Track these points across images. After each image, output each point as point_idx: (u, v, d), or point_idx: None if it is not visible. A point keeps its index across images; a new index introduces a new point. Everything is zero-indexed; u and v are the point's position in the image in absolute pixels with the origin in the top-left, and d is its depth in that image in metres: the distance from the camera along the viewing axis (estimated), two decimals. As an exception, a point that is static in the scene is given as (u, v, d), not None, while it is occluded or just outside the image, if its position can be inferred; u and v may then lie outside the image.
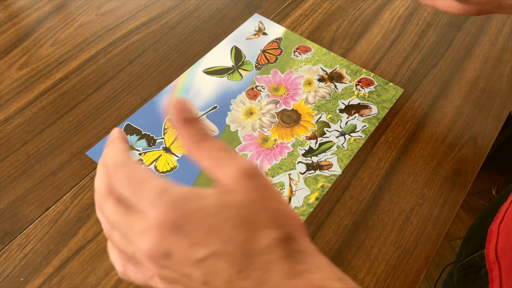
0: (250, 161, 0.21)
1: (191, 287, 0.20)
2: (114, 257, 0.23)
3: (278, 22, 0.50)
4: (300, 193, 0.37)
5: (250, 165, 0.20)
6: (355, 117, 0.42)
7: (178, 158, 0.39)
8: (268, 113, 0.42)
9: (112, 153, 0.22)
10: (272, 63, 0.46)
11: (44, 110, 0.42)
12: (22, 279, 0.32)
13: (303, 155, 0.39)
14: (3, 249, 0.34)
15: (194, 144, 0.21)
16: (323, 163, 0.39)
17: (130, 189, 0.20)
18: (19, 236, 0.34)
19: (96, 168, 0.38)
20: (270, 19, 0.50)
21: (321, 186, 0.37)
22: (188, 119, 0.21)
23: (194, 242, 0.19)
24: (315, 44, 0.48)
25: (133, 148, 0.39)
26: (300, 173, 0.38)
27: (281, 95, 0.43)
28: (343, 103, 0.43)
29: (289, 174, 0.38)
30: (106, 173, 0.22)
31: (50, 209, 0.36)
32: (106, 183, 0.22)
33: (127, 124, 0.41)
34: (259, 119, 0.42)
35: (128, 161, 0.21)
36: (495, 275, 0.37)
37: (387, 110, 0.42)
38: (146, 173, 0.20)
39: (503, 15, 0.52)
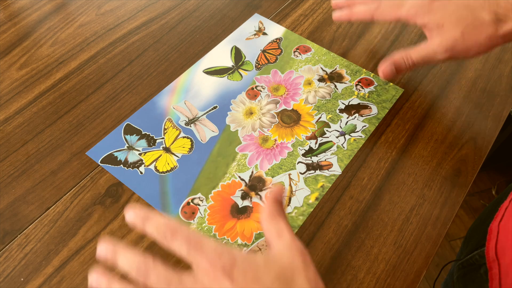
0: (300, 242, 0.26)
1: None
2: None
3: (278, 22, 0.50)
4: (300, 193, 0.37)
5: (301, 244, 0.26)
6: (355, 117, 0.42)
7: (178, 158, 0.39)
8: (268, 113, 0.42)
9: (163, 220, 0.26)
10: (272, 63, 0.46)
11: (44, 110, 0.42)
12: (22, 279, 0.32)
13: (303, 155, 0.39)
14: (3, 249, 0.34)
15: (270, 216, 0.27)
16: (323, 163, 0.39)
17: (184, 242, 0.25)
18: (19, 236, 0.34)
19: (96, 168, 0.38)
20: (270, 19, 0.51)
21: (321, 186, 0.37)
22: (279, 201, 0.28)
23: (238, 287, 0.23)
24: (315, 44, 0.48)
25: (133, 148, 0.39)
26: (300, 173, 0.38)
27: (281, 95, 0.43)
28: (343, 103, 0.43)
29: (289, 174, 0.38)
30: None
31: (50, 209, 0.36)
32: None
33: (127, 124, 0.41)
34: (259, 119, 0.42)
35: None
36: (495, 273, 0.37)
37: (387, 110, 0.42)
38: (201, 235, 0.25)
39: (503, 15, 0.52)
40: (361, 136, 0.41)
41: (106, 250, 0.26)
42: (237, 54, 0.47)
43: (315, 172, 0.38)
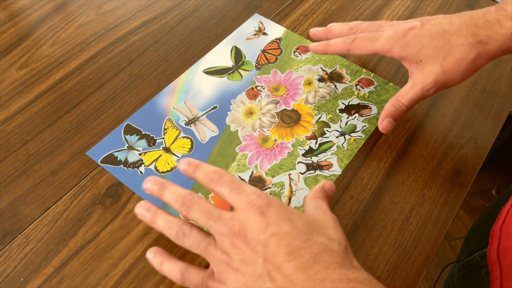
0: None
1: (253, 264, 0.25)
2: (173, 221, 0.28)
3: (278, 22, 0.50)
4: (300, 193, 0.37)
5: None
6: (355, 117, 0.42)
7: (178, 158, 0.39)
8: (268, 113, 0.42)
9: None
10: (272, 63, 0.46)
11: (44, 110, 0.42)
12: (22, 279, 0.32)
13: (303, 155, 0.39)
14: (3, 249, 0.34)
15: (314, 197, 0.30)
16: (323, 163, 0.39)
17: (228, 187, 0.27)
18: (19, 236, 0.34)
19: (96, 168, 0.38)
20: (270, 19, 0.51)
21: (321, 186, 0.37)
22: (326, 192, 0.31)
23: (268, 223, 0.25)
24: (315, 44, 0.48)
25: (133, 148, 0.39)
26: (300, 173, 0.38)
27: (281, 95, 0.43)
28: (343, 103, 0.43)
29: (289, 174, 0.38)
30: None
31: (50, 209, 0.36)
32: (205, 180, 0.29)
33: (127, 124, 0.41)
34: (259, 119, 0.42)
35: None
36: (496, 276, 0.37)
37: (387, 110, 0.42)
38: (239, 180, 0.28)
39: (503, 15, 0.52)
40: (361, 136, 0.41)
41: (153, 184, 0.29)
42: (237, 54, 0.47)
43: (315, 172, 0.38)
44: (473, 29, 0.32)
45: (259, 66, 0.46)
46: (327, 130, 0.41)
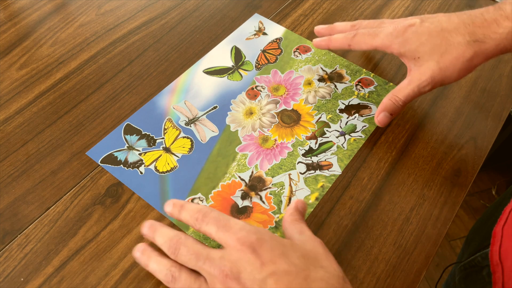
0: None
1: None
2: (163, 263, 0.28)
3: (278, 22, 0.50)
4: (300, 193, 0.37)
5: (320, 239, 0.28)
6: (355, 117, 0.42)
7: (178, 158, 0.39)
8: (268, 113, 0.42)
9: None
10: (272, 63, 0.46)
11: (44, 110, 0.42)
12: (22, 279, 0.32)
13: (303, 155, 0.39)
14: (3, 249, 0.34)
15: (292, 221, 0.30)
16: (323, 163, 0.39)
17: (213, 225, 0.27)
18: (19, 236, 0.34)
19: (96, 168, 0.38)
20: (270, 19, 0.51)
21: (321, 186, 0.37)
22: (300, 211, 0.31)
23: (263, 262, 0.24)
24: (315, 44, 0.48)
25: (133, 148, 0.39)
26: (300, 173, 0.38)
27: (281, 95, 0.43)
28: (343, 103, 0.43)
29: (289, 174, 0.38)
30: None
31: (50, 209, 0.36)
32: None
33: (127, 124, 0.41)
34: (259, 119, 0.42)
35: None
36: (498, 277, 0.37)
37: (387, 110, 0.42)
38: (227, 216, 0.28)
39: (503, 15, 0.52)
40: (361, 136, 0.41)
41: (147, 227, 0.30)
42: (237, 54, 0.47)
43: (315, 172, 0.38)
44: (471, 28, 0.32)
45: (259, 66, 0.46)
46: (327, 130, 0.41)
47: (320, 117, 0.42)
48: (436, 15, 0.36)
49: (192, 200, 0.36)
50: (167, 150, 0.39)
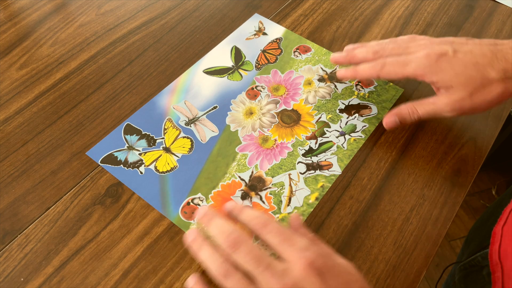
0: None
1: None
2: (216, 255, 0.27)
3: (278, 22, 0.50)
4: (300, 193, 0.37)
5: None
6: (355, 117, 0.42)
7: (178, 158, 0.39)
8: (268, 113, 0.42)
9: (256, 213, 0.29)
10: (272, 63, 0.46)
11: (44, 110, 0.42)
12: (22, 279, 0.32)
13: (303, 155, 0.39)
14: (3, 249, 0.34)
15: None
16: (323, 163, 0.39)
17: (278, 237, 0.26)
18: (19, 236, 0.34)
19: (96, 168, 0.38)
20: (270, 19, 0.51)
21: (321, 186, 0.37)
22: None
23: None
24: (315, 44, 0.48)
25: (133, 148, 0.39)
26: (300, 173, 0.38)
27: (281, 95, 0.43)
28: (343, 103, 0.43)
29: (289, 174, 0.38)
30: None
31: (50, 209, 0.36)
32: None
33: (127, 124, 0.41)
34: (259, 119, 0.42)
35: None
36: (497, 276, 0.37)
37: (387, 110, 0.42)
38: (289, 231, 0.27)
39: (504, 15, 0.52)
40: (361, 136, 0.41)
41: (202, 215, 0.29)
42: (237, 54, 0.47)
43: (315, 172, 0.38)
44: (503, 64, 0.33)
45: (259, 66, 0.46)
46: (327, 130, 0.41)
47: (320, 117, 0.42)
48: (466, 43, 0.35)
49: (192, 200, 0.36)
50: (167, 150, 0.39)
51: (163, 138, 0.40)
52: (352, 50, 0.40)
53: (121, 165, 0.38)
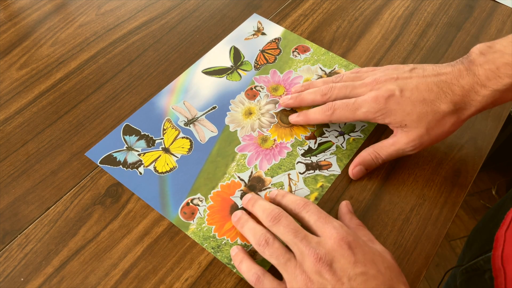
0: None
1: None
2: (259, 227, 0.31)
3: (278, 22, 0.50)
4: (300, 193, 0.37)
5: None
6: (355, 117, 0.42)
7: (177, 158, 0.39)
8: (267, 113, 0.42)
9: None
10: (271, 63, 0.46)
11: (44, 110, 0.42)
12: (22, 279, 0.32)
13: (302, 155, 0.39)
14: (3, 249, 0.34)
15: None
16: (322, 163, 0.39)
17: (316, 216, 0.30)
18: (19, 236, 0.35)
19: (96, 168, 0.38)
20: (270, 19, 0.51)
21: (321, 186, 0.37)
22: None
23: (356, 260, 0.27)
24: (314, 44, 0.48)
25: (132, 149, 0.39)
26: (300, 173, 0.38)
27: (280, 95, 0.43)
28: (342, 103, 0.43)
29: (289, 174, 0.38)
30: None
31: (50, 209, 0.36)
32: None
33: (126, 124, 0.41)
34: (258, 119, 0.42)
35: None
36: (500, 282, 0.37)
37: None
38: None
39: (504, 15, 0.52)
40: (360, 136, 0.41)
41: (247, 200, 0.33)
42: (236, 54, 0.47)
43: (314, 172, 0.38)
44: (451, 97, 0.34)
45: (258, 66, 0.46)
46: (326, 130, 0.41)
47: (319, 117, 0.42)
48: (411, 77, 0.35)
49: (192, 201, 0.36)
50: (166, 150, 0.39)
51: (162, 138, 0.40)
52: (300, 94, 0.40)
53: (120, 166, 0.38)
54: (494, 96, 0.33)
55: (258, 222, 0.32)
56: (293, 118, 0.40)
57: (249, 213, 0.34)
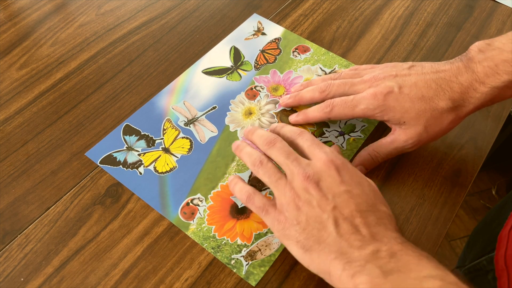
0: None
1: (320, 207, 0.28)
2: (256, 151, 0.32)
3: (278, 22, 0.50)
4: (300, 193, 0.37)
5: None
6: (355, 117, 0.42)
7: (177, 158, 0.39)
8: (267, 113, 0.42)
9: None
10: (271, 63, 0.46)
11: (44, 110, 0.42)
12: (22, 279, 0.32)
13: (303, 155, 0.39)
14: (3, 249, 0.34)
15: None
16: (322, 163, 0.39)
17: (309, 141, 0.32)
18: (19, 236, 0.35)
19: (96, 168, 0.38)
20: (270, 19, 0.51)
21: (321, 186, 0.37)
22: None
23: (342, 180, 0.29)
24: (314, 44, 0.48)
25: (132, 149, 0.39)
26: (300, 173, 0.38)
27: (280, 95, 0.43)
28: (342, 103, 0.43)
29: (289, 174, 0.38)
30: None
31: (50, 209, 0.36)
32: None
33: (126, 124, 0.41)
34: (258, 119, 0.42)
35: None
36: (504, 282, 0.37)
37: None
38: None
39: (504, 15, 0.52)
40: (360, 136, 0.41)
41: (247, 131, 0.35)
42: (236, 55, 0.47)
43: (314, 172, 0.38)
44: (450, 94, 0.34)
45: (258, 66, 0.46)
46: (326, 130, 0.41)
47: (319, 117, 0.42)
48: (409, 74, 0.35)
49: (192, 201, 0.36)
50: (166, 150, 0.39)
51: (162, 138, 0.40)
52: (299, 92, 0.40)
53: (120, 166, 0.38)
54: (493, 93, 0.33)
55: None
56: (292, 118, 0.41)
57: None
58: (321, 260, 0.27)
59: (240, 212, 0.36)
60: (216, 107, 0.43)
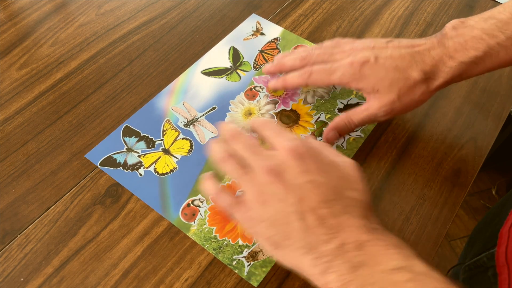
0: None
1: (285, 201, 0.27)
2: (223, 146, 0.31)
3: (278, 22, 0.50)
4: (300, 193, 0.37)
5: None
6: (355, 117, 0.42)
7: (177, 159, 0.39)
8: (267, 113, 0.42)
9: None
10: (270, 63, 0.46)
11: (44, 110, 0.42)
12: (22, 279, 0.32)
13: (303, 155, 0.39)
14: (3, 249, 0.34)
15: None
16: (322, 163, 0.39)
17: (272, 131, 0.31)
18: (19, 236, 0.35)
19: (96, 168, 0.38)
20: (270, 19, 0.51)
21: (321, 186, 0.37)
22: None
23: (306, 170, 0.28)
24: (313, 44, 0.48)
25: (132, 150, 0.39)
26: (300, 173, 0.38)
27: (280, 95, 0.43)
28: (341, 103, 0.43)
29: (289, 174, 0.38)
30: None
31: (50, 209, 0.36)
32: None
33: (126, 126, 0.41)
34: (259, 119, 0.42)
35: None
36: (504, 278, 0.37)
37: (387, 110, 0.42)
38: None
39: (503, 15, 0.52)
40: (360, 136, 0.41)
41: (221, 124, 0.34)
42: (235, 55, 0.47)
43: (314, 172, 0.38)
44: (422, 66, 0.35)
45: (257, 66, 0.46)
46: (326, 130, 0.41)
47: (319, 117, 0.42)
48: (386, 47, 0.37)
49: (192, 202, 0.36)
50: (166, 151, 0.39)
51: (162, 139, 0.40)
52: (282, 59, 0.41)
53: (120, 167, 0.38)
54: (461, 68, 0.34)
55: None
56: (272, 83, 0.41)
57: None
58: (291, 257, 0.26)
59: (240, 212, 0.36)
60: (215, 107, 0.43)
